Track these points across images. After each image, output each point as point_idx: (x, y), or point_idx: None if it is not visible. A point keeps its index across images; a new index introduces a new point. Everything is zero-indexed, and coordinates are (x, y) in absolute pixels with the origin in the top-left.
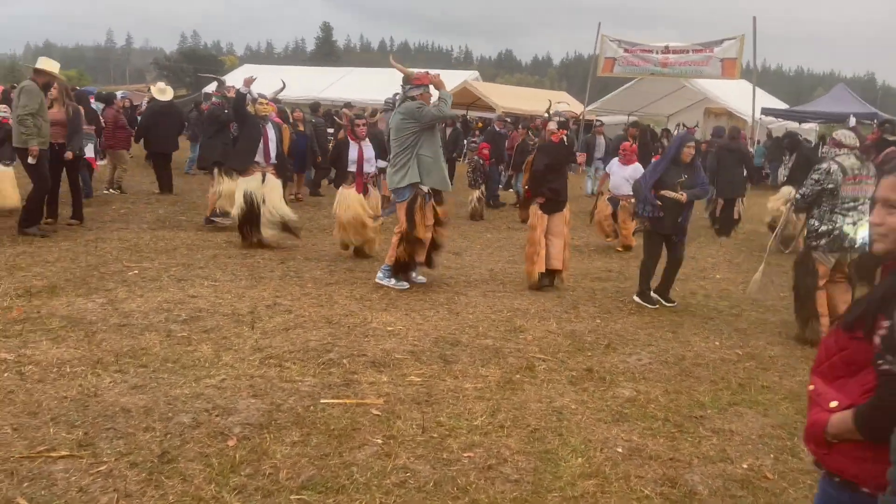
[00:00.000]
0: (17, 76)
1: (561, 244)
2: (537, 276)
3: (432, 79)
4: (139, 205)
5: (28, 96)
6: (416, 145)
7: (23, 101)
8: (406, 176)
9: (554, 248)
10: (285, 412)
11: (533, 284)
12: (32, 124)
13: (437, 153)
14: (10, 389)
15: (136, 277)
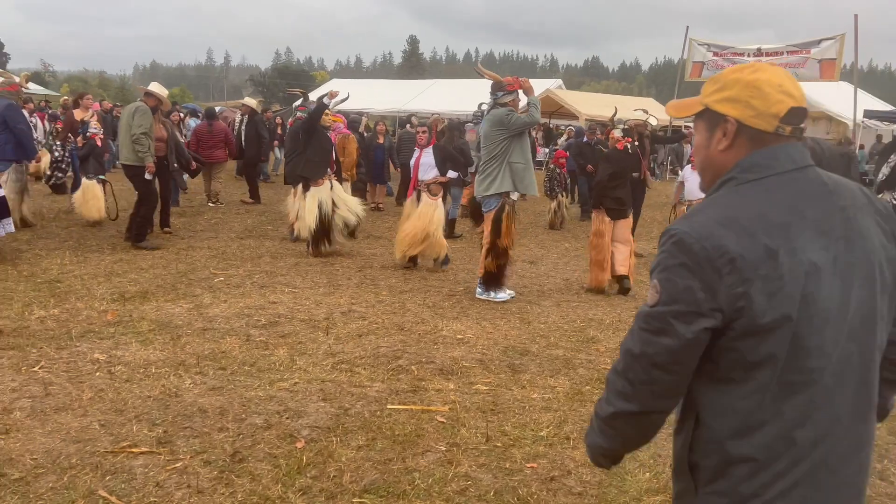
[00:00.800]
0: (126, 95)
1: (627, 250)
2: (606, 283)
3: (522, 83)
4: (229, 215)
5: (142, 116)
6: (507, 153)
7: (138, 121)
8: (495, 184)
9: (620, 255)
10: (352, 416)
11: (600, 290)
12: (147, 143)
13: (528, 160)
14: (100, 388)
15: (221, 284)
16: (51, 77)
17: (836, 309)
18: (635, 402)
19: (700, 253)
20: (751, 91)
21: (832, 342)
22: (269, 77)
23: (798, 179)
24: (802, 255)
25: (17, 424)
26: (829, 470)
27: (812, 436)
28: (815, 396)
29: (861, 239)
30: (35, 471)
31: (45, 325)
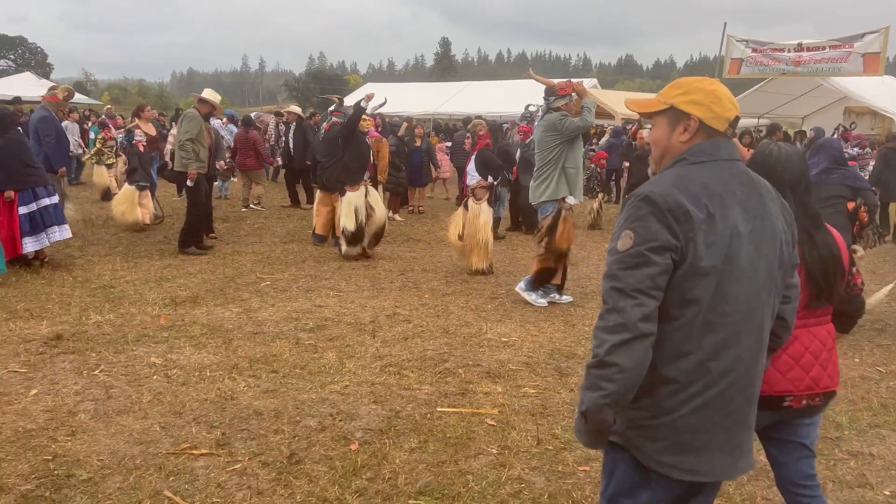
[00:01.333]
0: (165, 102)
1: None
2: None
3: (576, 87)
4: (271, 220)
5: (190, 123)
6: (561, 158)
7: (185, 127)
8: (550, 190)
9: None
10: (404, 419)
11: None
12: (192, 149)
13: (579, 164)
14: (158, 391)
15: (268, 288)
16: (92, 86)
17: (748, 269)
18: (628, 329)
19: (664, 205)
20: (712, 98)
21: (743, 294)
22: (303, 82)
23: (731, 167)
24: (730, 221)
25: (83, 426)
26: (729, 397)
27: (721, 367)
28: (727, 336)
29: (770, 220)
30: (102, 471)
31: (102, 329)
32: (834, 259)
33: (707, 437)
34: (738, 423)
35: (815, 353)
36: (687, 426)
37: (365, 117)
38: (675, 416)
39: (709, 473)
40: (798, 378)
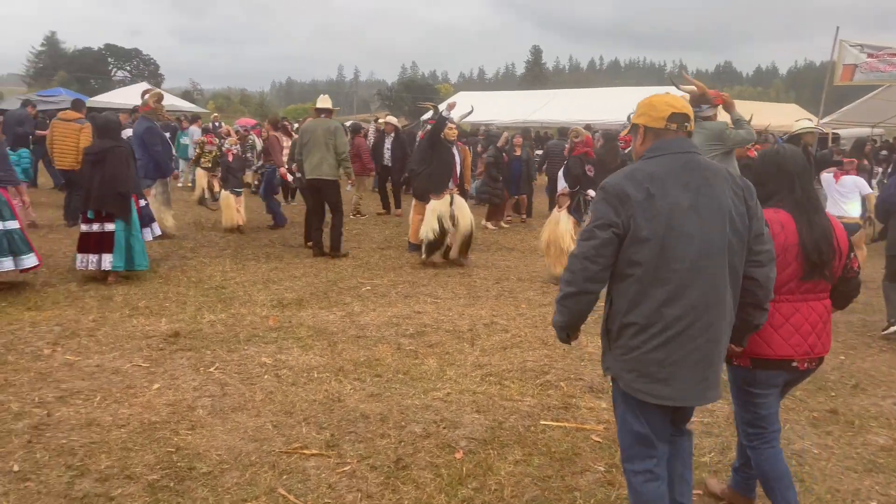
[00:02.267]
0: (264, 111)
1: None
2: None
3: (725, 98)
4: (368, 226)
5: (344, 135)
6: None
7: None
8: None
9: None
10: (507, 430)
11: None
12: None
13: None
14: (269, 390)
15: (368, 293)
16: (198, 95)
17: (695, 234)
18: (574, 285)
19: (611, 191)
20: (648, 107)
21: (690, 254)
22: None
23: (681, 158)
24: (670, 199)
25: (201, 421)
26: (690, 337)
27: (675, 313)
28: (676, 288)
29: (714, 195)
30: (220, 466)
31: (216, 328)
32: (827, 240)
33: (672, 370)
34: (701, 360)
35: (813, 324)
36: (652, 360)
37: (450, 126)
38: (640, 352)
39: (675, 399)
40: (798, 344)
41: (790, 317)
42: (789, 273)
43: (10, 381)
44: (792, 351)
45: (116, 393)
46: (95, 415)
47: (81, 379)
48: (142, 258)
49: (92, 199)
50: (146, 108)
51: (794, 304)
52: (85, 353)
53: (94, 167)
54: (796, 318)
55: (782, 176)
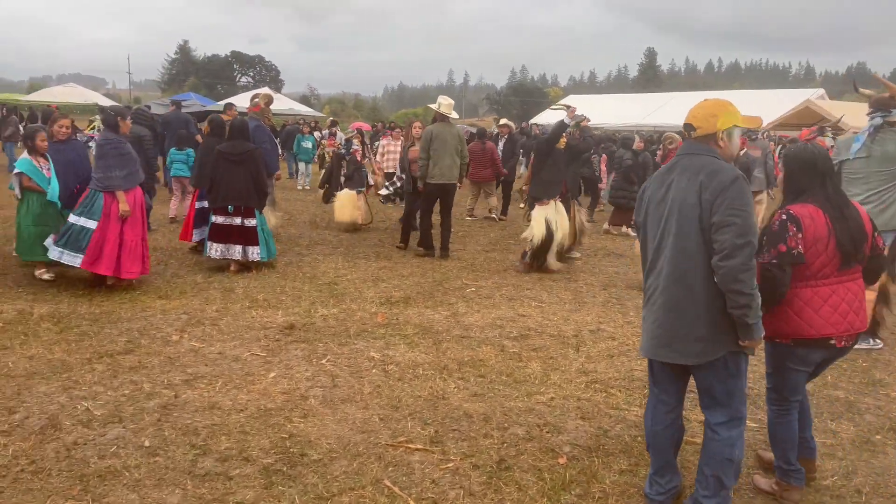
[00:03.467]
0: (377, 115)
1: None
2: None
3: None
4: (473, 228)
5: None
6: None
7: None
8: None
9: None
10: (613, 439)
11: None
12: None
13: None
14: (377, 384)
15: (473, 294)
16: (315, 100)
17: (655, 219)
18: None
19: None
20: None
21: (653, 236)
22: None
23: (679, 159)
24: (648, 192)
25: (313, 410)
26: (659, 293)
27: (652, 279)
28: (650, 260)
29: (679, 191)
30: (330, 454)
31: (328, 322)
32: (860, 229)
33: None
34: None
35: (850, 303)
36: (645, 326)
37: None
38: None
39: (643, 351)
40: (837, 322)
41: (828, 298)
42: (822, 260)
43: (143, 364)
44: (833, 329)
45: (236, 379)
46: (217, 399)
47: (205, 364)
48: (273, 247)
49: (234, 196)
50: (256, 109)
51: (832, 286)
52: (209, 340)
53: (235, 167)
54: (834, 300)
55: (813, 173)
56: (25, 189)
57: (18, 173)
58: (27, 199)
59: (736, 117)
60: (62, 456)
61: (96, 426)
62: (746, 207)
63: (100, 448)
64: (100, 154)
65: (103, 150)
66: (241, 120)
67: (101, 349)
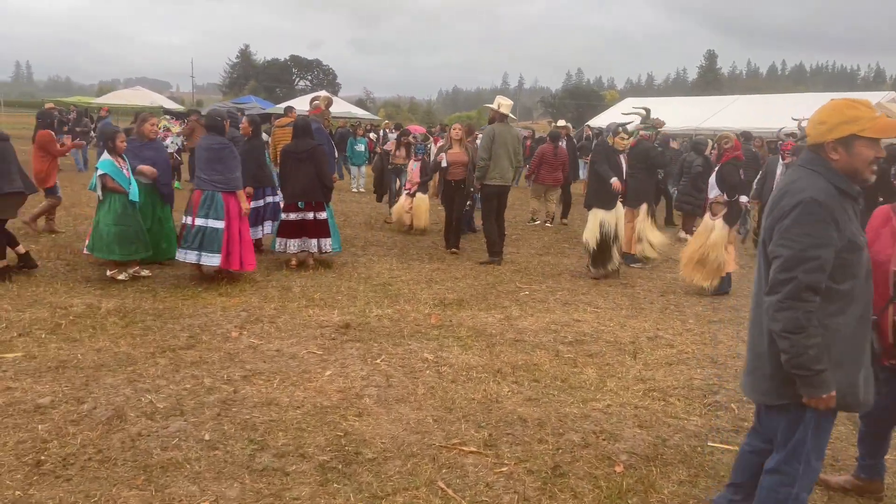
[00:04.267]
0: (431, 118)
1: None
2: None
3: None
4: (527, 231)
5: None
6: None
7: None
8: None
9: None
10: (671, 448)
11: None
12: None
13: None
14: (430, 385)
15: (526, 298)
16: (370, 103)
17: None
18: None
19: None
20: None
21: None
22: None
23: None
24: None
25: (368, 410)
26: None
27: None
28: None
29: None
30: (384, 454)
31: (382, 322)
32: None
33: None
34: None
35: None
36: None
37: (623, 135)
38: None
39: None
40: None
41: None
42: None
43: (203, 359)
44: None
45: (293, 376)
46: (274, 395)
47: (263, 361)
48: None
49: (301, 192)
50: (317, 111)
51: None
52: (267, 337)
53: (301, 164)
54: None
55: None
56: (108, 190)
57: (102, 175)
58: (108, 199)
59: (858, 124)
60: (127, 446)
61: (159, 418)
62: (802, 238)
63: (162, 440)
64: (216, 157)
65: (220, 154)
66: (304, 119)
67: (163, 344)
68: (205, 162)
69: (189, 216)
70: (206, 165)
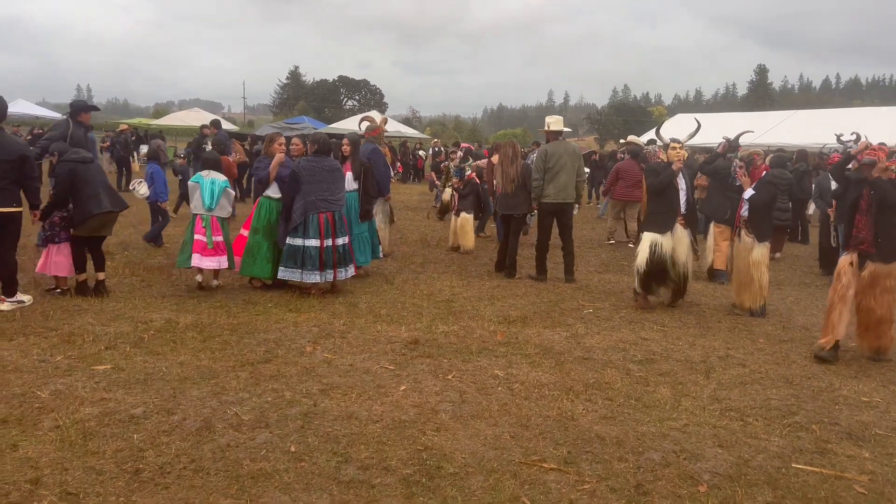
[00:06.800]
0: (476, 136)
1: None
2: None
3: None
4: (583, 249)
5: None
6: None
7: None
8: None
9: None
10: (755, 469)
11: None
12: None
13: None
14: (504, 402)
15: (591, 316)
16: (416, 122)
17: None
18: None
19: None
20: None
21: None
22: (605, 114)
23: None
24: None
25: (445, 425)
26: None
27: None
28: None
29: None
30: (465, 469)
31: (449, 339)
32: None
33: None
34: None
35: None
36: None
37: (676, 146)
38: None
39: None
40: None
41: None
42: None
43: (281, 373)
44: None
45: (369, 391)
46: (353, 409)
47: (339, 375)
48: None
49: None
50: (375, 133)
51: None
52: (339, 352)
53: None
54: None
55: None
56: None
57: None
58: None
59: None
60: (218, 457)
61: (245, 430)
62: None
63: (251, 451)
64: (335, 178)
65: (337, 175)
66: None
67: (242, 358)
68: (325, 183)
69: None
70: (328, 186)
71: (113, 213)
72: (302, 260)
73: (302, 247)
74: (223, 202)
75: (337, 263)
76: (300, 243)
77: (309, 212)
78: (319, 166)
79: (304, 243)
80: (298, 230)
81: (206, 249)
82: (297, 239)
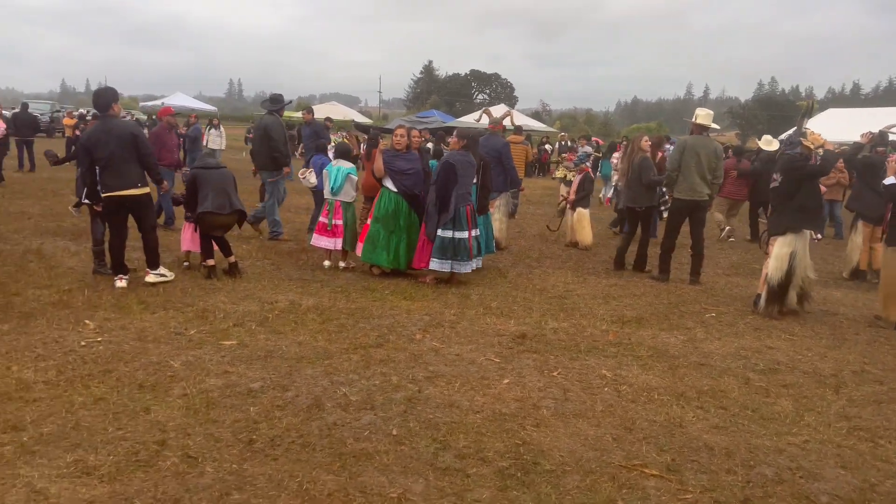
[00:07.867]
0: (608, 130)
1: None
2: None
3: None
4: (713, 249)
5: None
6: None
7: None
8: None
9: None
10: (882, 495)
11: None
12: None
13: None
14: (609, 403)
15: (713, 320)
16: (546, 115)
17: None
18: None
19: None
20: None
21: None
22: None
23: None
24: None
25: (545, 421)
26: None
27: None
28: None
29: None
30: (562, 467)
31: (558, 335)
32: None
33: None
34: None
35: None
36: None
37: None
38: None
39: None
40: None
41: None
42: None
43: (391, 358)
44: None
45: (472, 381)
46: (455, 398)
47: (445, 364)
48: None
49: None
50: (500, 127)
51: None
52: (447, 342)
53: None
54: None
55: None
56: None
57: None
58: None
59: None
60: (324, 434)
61: (352, 410)
62: None
63: (355, 431)
64: (472, 172)
65: (473, 170)
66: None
67: (355, 341)
68: (469, 178)
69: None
70: (469, 181)
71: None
72: (454, 251)
73: (455, 238)
74: (346, 187)
75: (478, 252)
76: (452, 235)
77: (459, 204)
78: (468, 161)
79: (456, 235)
80: (449, 222)
81: (325, 230)
82: (449, 231)
